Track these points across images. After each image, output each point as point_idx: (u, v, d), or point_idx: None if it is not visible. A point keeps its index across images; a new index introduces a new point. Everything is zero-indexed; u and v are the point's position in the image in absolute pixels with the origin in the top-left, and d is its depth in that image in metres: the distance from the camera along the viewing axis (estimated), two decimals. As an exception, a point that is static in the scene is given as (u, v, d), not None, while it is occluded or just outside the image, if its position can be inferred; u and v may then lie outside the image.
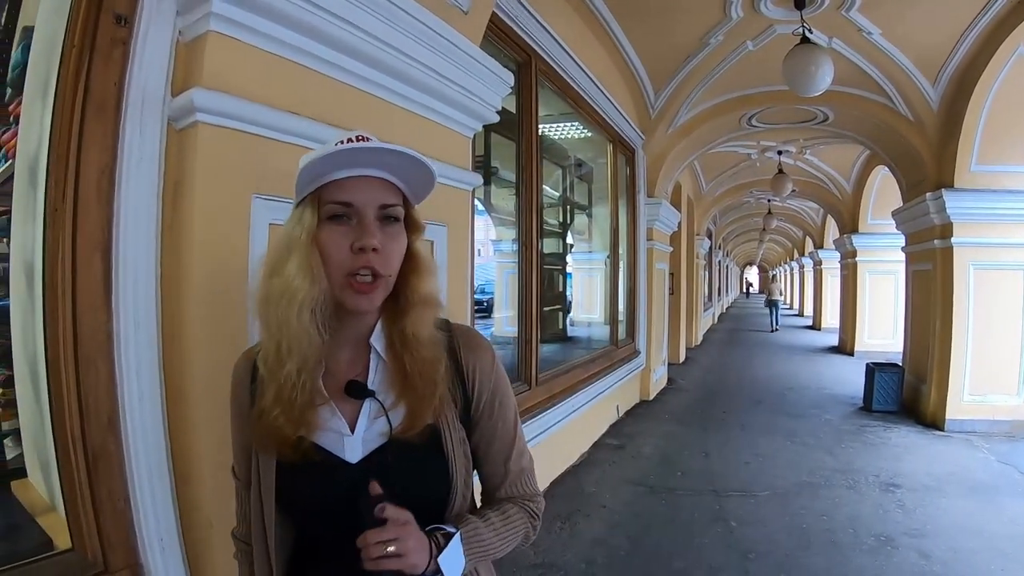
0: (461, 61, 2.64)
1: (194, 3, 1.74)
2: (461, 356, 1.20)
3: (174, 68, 1.81)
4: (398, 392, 1.11)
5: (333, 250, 1.05)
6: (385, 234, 1.06)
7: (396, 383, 1.12)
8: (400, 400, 1.11)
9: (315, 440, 1.10)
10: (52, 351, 1.69)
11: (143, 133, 1.75)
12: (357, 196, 1.05)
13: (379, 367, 1.15)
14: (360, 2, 2.07)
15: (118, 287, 1.73)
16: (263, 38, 1.87)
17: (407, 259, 1.13)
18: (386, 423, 1.10)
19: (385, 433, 1.10)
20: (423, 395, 1.10)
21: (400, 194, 1.11)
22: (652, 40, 6.31)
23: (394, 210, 1.08)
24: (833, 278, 17.62)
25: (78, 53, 1.68)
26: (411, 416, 1.10)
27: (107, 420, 1.73)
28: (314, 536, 1.17)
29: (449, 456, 1.13)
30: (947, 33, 5.85)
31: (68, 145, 1.66)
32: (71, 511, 1.73)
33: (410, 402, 1.10)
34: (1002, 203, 6.74)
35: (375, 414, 1.12)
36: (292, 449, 1.08)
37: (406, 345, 1.12)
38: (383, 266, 1.06)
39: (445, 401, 1.14)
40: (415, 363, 1.11)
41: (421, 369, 1.11)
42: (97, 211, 1.70)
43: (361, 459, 1.10)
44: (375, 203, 1.06)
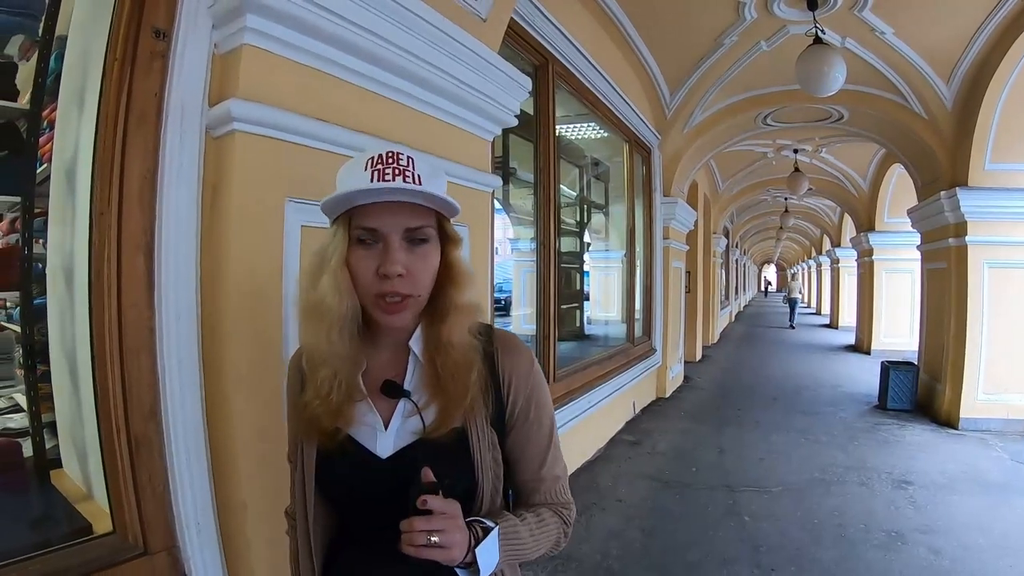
0: (480, 67, 2.73)
1: (229, 18, 1.85)
2: (498, 361, 1.21)
3: (210, 79, 1.91)
4: (431, 393, 1.15)
5: (361, 273, 1.10)
6: (413, 255, 1.10)
7: (430, 385, 1.15)
8: (432, 401, 1.14)
9: (351, 432, 1.15)
10: (98, 345, 1.79)
11: (182, 141, 1.85)
12: (382, 222, 1.08)
13: (416, 369, 1.19)
14: (385, 14, 2.16)
15: (160, 285, 1.83)
16: (294, 50, 1.97)
17: (443, 270, 1.16)
18: (419, 422, 1.13)
19: (417, 432, 1.13)
20: (454, 397, 1.12)
21: (429, 213, 1.12)
22: (667, 41, 6.36)
23: (421, 232, 1.10)
24: (850, 276, 17.46)
25: (120, 66, 1.79)
26: (441, 417, 1.13)
27: (149, 409, 1.83)
28: (347, 520, 1.23)
29: (475, 457, 1.15)
30: (960, 32, 5.86)
31: (112, 153, 1.77)
32: (113, 496, 1.83)
33: (441, 403, 1.13)
34: (1016, 201, 6.74)
35: (408, 413, 1.15)
36: (329, 439, 1.14)
37: (440, 350, 1.15)
38: (410, 288, 1.09)
39: (476, 404, 1.16)
40: (447, 367, 1.14)
41: (453, 372, 1.13)
42: (140, 214, 1.80)
43: (391, 455, 1.14)
44: (400, 228, 1.08)
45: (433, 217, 1.13)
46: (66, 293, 2.20)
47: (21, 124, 2.32)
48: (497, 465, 1.19)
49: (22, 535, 1.98)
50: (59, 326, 2.22)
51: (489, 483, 1.17)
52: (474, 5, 2.77)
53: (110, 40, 1.82)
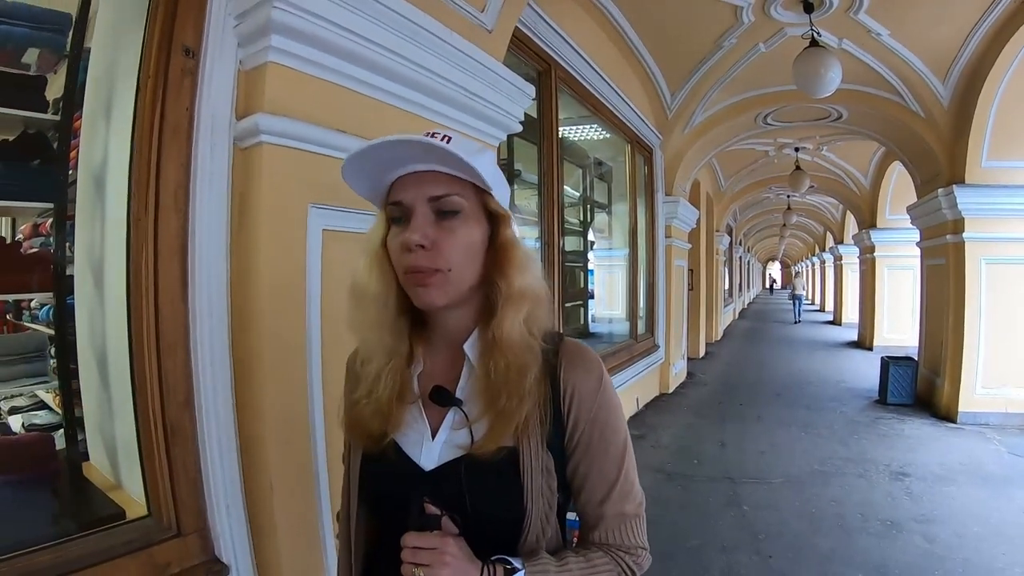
0: (487, 78, 2.85)
1: (254, 37, 1.98)
2: (561, 374, 1.08)
3: (236, 94, 2.04)
4: (484, 405, 1.03)
5: (393, 251, 1.04)
6: (441, 228, 1.01)
7: (484, 395, 1.04)
8: (484, 414, 1.03)
9: (396, 439, 1.09)
10: (136, 340, 1.92)
11: (212, 152, 1.98)
12: (405, 194, 1.02)
13: (471, 375, 1.08)
14: (398, 30, 2.29)
15: (194, 285, 1.95)
16: (315, 66, 2.09)
17: (491, 252, 1.06)
18: (467, 435, 1.03)
19: (464, 446, 1.04)
20: (505, 411, 1.01)
21: (464, 184, 1.03)
22: (667, 44, 6.45)
23: (447, 201, 1.01)
24: (853, 273, 17.42)
25: (153, 83, 1.91)
26: (491, 433, 1.02)
27: (183, 399, 1.96)
28: (387, 530, 1.11)
29: (525, 483, 1.02)
30: (954, 32, 5.94)
31: (148, 163, 1.89)
32: (149, 480, 1.95)
33: (492, 418, 1.02)
34: (1013, 198, 6.82)
35: (458, 424, 1.06)
36: (375, 443, 1.08)
37: (492, 350, 1.04)
38: (432, 260, 1.00)
39: (531, 422, 1.03)
40: (499, 371, 1.02)
41: (506, 378, 1.02)
42: (175, 220, 1.93)
43: (435, 468, 1.06)
44: (423, 197, 1.01)
45: (467, 188, 1.03)
46: (95, 293, 2.32)
47: (51, 134, 2.43)
48: (552, 493, 1.05)
49: (61, 520, 2.13)
50: (88, 325, 2.33)
51: (540, 512, 1.03)
52: (480, 18, 2.89)
53: (143, 58, 1.94)
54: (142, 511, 1.98)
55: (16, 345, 2.62)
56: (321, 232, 2.12)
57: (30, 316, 3.11)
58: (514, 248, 1.06)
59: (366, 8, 2.15)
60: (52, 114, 2.46)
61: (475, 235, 1.04)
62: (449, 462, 1.04)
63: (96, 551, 1.76)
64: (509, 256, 1.05)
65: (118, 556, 1.78)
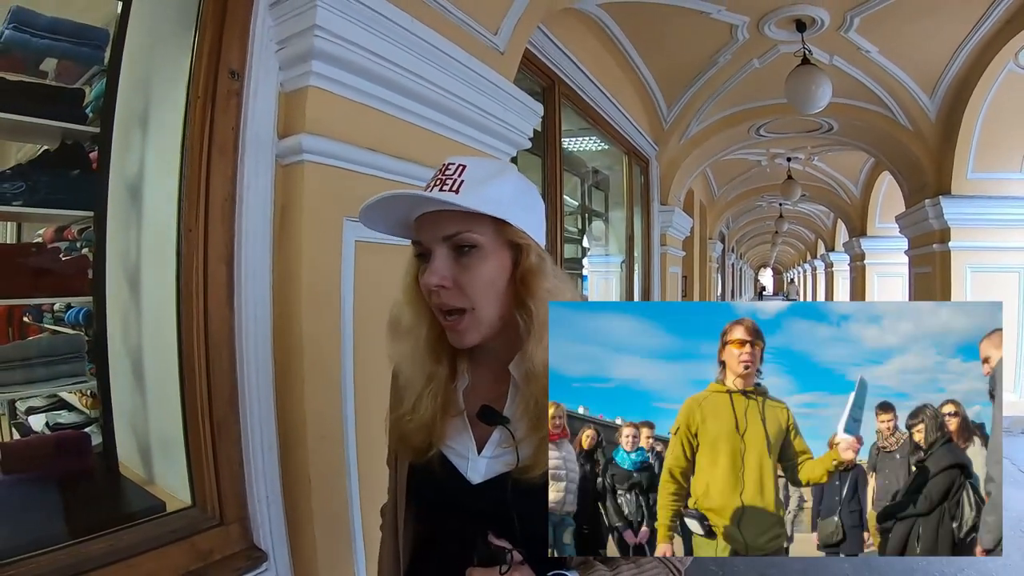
0: (499, 97, 3.01)
1: (295, 62, 2.14)
2: None
3: (278, 114, 2.19)
4: (528, 426, 1.05)
5: (423, 289, 1.06)
6: (460, 266, 1.03)
7: (528, 416, 1.06)
8: (530, 435, 1.04)
9: (443, 451, 1.11)
10: (186, 342, 2.05)
11: (257, 169, 2.12)
12: (423, 234, 1.05)
13: (517, 395, 1.09)
14: (424, 56, 2.46)
15: (239, 291, 2.09)
16: (349, 89, 2.26)
17: (515, 282, 1.07)
18: (513, 455, 1.03)
19: (511, 463, 1.03)
20: (547, 435, 0.99)
21: (478, 218, 1.02)
22: (664, 60, 6.55)
23: (463, 238, 1.02)
24: (844, 280, 17.61)
25: (202, 103, 2.05)
26: (536, 454, 1.02)
27: (229, 397, 2.08)
28: (433, 536, 1.16)
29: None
30: (941, 50, 6.11)
31: (198, 178, 2.03)
32: (196, 472, 2.07)
33: (537, 440, 1.02)
34: (997, 209, 7.03)
35: (504, 442, 1.07)
36: (420, 454, 1.10)
37: (526, 377, 1.05)
38: (455, 300, 1.03)
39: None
40: (536, 399, 1.03)
41: (543, 405, 1.00)
42: (222, 231, 2.07)
43: (482, 482, 1.07)
44: (438, 237, 1.03)
45: (484, 222, 1.03)
46: (130, 298, 2.43)
47: (88, 145, 2.49)
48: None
49: (109, 511, 2.19)
50: (121, 328, 2.42)
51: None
52: (494, 40, 3.07)
53: (192, 79, 2.09)
54: (179, 503, 2.10)
55: (57, 346, 2.69)
56: (354, 243, 2.27)
57: (52, 318, 3.10)
58: (537, 278, 1.06)
59: (396, 36, 2.31)
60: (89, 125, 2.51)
61: (494, 269, 1.05)
62: (495, 478, 1.06)
63: (145, 539, 1.86)
64: (531, 287, 1.05)
65: (165, 544, 1.90)
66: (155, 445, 2.42)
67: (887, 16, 5.37)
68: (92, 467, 2.49)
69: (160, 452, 2.39)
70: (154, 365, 2.37)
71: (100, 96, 2.43)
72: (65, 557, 1.69)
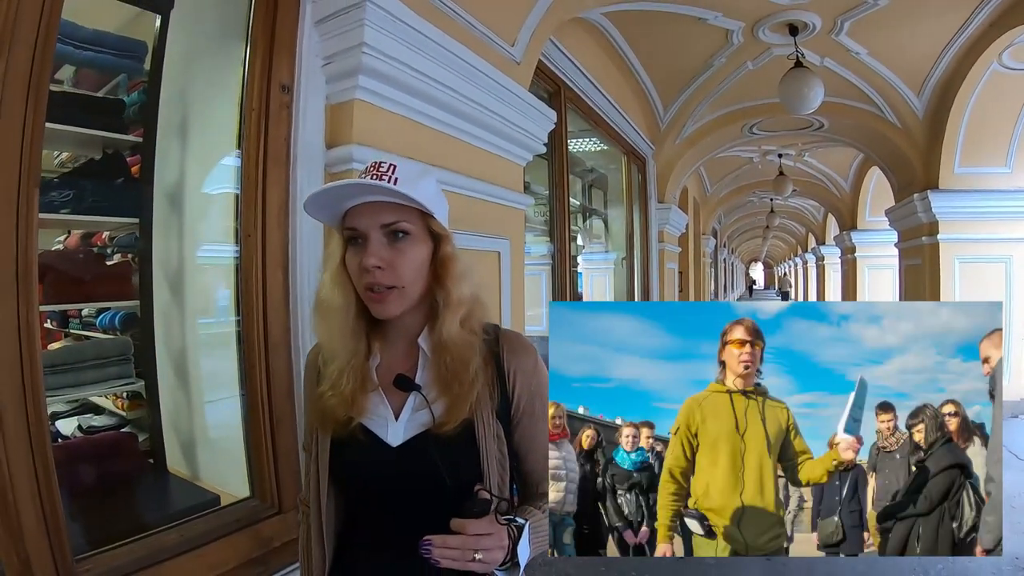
0: (518, 106, 3.21)
1: (342, 76, 2.32)
2: (503, 358, 1.26)
3: (325, 125, 2.35)
4: (440, 389, 1.19)
5: (351, 270, 1.19)
6: (393, 250, 1.16)
7: (438, 381, 1.20)
8: (441, 396, 1.19)
9: (363, 422, 1.21)
10: (247, 341, 2.21)
11: (308, 177, 2.28)
12: (360, 221, 1.17)
13: (426, 364, 1.24)
14: (454, 69, 2.66)
15: (294, 293, 2.26)
16: (390, 102, 2.44)
17: (435, 266, 1.22)
18: (428, 415, 1.17)
19: (426, 423, 1.17)
20: (459, 395, 1.17)
21: (408, 211, 1.18)
22: (662, 63, 6.70)
23: (398, 226, 1.16)
24: (835, 273, 17.50)
25: (256, 116, 2.22)
26: (449, 411, 1.16)
27: (286, 391, 2.24)
28: (356, 509, 1.28)
29: (480, 447, 1.18)
30: (928, 51, 6.26)
31: (255, 187, 2.20)
32: (256, 463, 2.22)
33: (448, 400, 1.17)
34: (983, 202, 7.18)
35: (418, 406, 1.20)
36: (343, 427, 1.20)
37: (440, 347, 1.21)
38: (388, 279, 1.15)
39: (482, 399, 1.20)
40: (446, 365, 1.20)
41: (454, 370, 1.19)
42: (278, 236, 2.24)
43: (401, 443, 1.19)
44: (376, 224, 1.16)
45: (413, 214, 1.18)
46: (172, 301, 2.58)
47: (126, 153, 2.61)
48: (503, 456, 1.22)
49: (166, 507, 2.35)
50: (165, 331, 2.58)
51: (495, 473, 1.19)
52: (511, 51, 3.26)
53: (245, 94, 2.24)
54: (230, 497, 2.25)
55: (106, 349, 2.68)
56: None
57: (81, 323, 3.14)
58: (453, 262, 1.23)
59: (431, 51, 2.51)
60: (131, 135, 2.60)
61: (422, 253, 1.20)
62: (413, 437, 1.19)
63: (212, 529, 2.02)
64: (448, 270, 1.22)
65: (230, 532, 2.04)
66: (200, 443, 2.57)
67: (876, 20, 5.52)
68: (143, 466, 2.60)
69: (204, 449, 2.56)
70: (205, 365, 2.56)
71: (135, 105, 2.57)
72: (140, 549, 1.82)
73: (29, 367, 1.55)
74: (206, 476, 2.52)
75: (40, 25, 1.57)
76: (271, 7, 2.25)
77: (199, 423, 2.66)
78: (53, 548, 1.59)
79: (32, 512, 1.55)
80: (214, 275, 2.63)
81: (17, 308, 1.54)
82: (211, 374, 2.79)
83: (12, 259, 1.53)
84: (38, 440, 1.57)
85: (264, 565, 2.08)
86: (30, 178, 1.56)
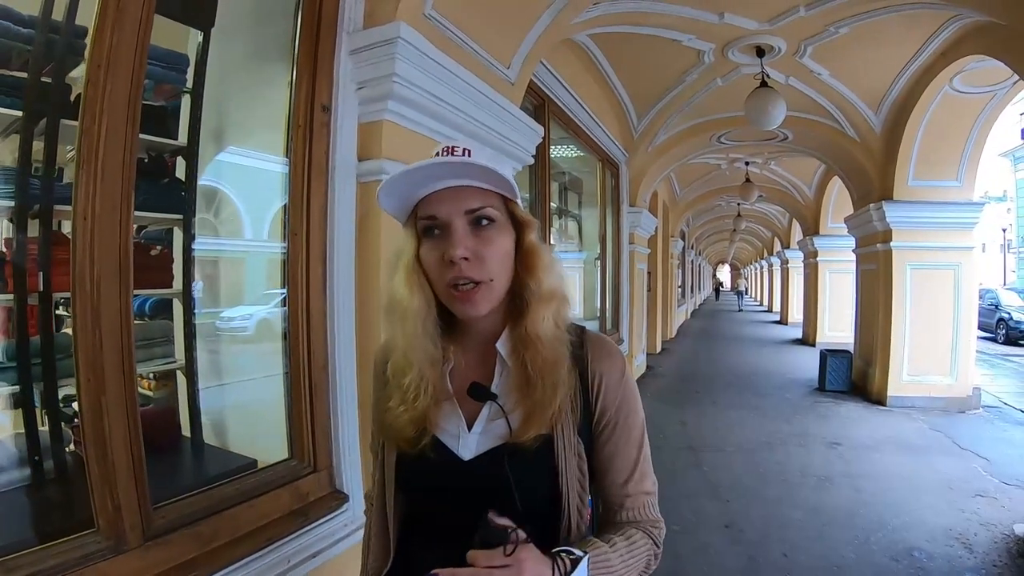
0: (511, 122, 3.53)
1: (374, 100, 2.63)
2: (589, 364, 1.13)
3: (357, 142, 2.66)
4: (518, 397, 1.07)
5: (431, 264, 1.06)
6: (479, 239, 1.04)
7: (518, 387, 1.08)
8: (519, 405, 1.06)
9: (435, 433, 1.10)
10: (292, 324, 2.49)
11: (344, 186, 2.58)
12: (441, 208, 1.03)
13: (504, 371, 1.12)
14: (462, 93, 2.99)
15: (332, 283, 2.54)
16: (412, 123, 2.78)
17: (520, 256, 1.10)
18: (504, 426, 1.05)
19: (502, 436, 1.06)
20: (541, 401, 1.04)
21: (493, 196, 1.06)
22: (639, 78, 7.08)
23: (484, 212, 1.04)
24: (799, 276, 18.06)
25: (302, 132, 2.50)
26: (527, 422, 1.04)
27: (323, 364, 2.53)
28: (424, 515, 1.16)
29: (560, 466, 1.06)
30: (885, 74, 6.70)
31: (301, 193, 2.49)
32: (295, 427, 2.48)
33: (528, 408, 1.05)
34: (934, 213, 7.69)
35: (494, 416, 1.08)
36: (411, 444, 1.08)
37: (527, 345, 1.08)
38: (477, 272, 1.03)
39: (564, 410, 1.07)
40: (535, 363, 1.06)
41: (542, 370, 1.05)
42: (320, 235, 2.53)
43: (474, 457, 1.08)
44: (460, 211, 1.03)
45: (497, 199, 1.07)
46: (207, 289, 2.89)
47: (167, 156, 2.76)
48: (583, 476, 1.09)
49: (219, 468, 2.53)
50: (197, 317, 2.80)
51: (574, 493, 1.07)
52: (507, 73, 3.61)
53: (292, 111, 2.51)
54: (265, 462, 2.47)
55: (153, 331, 2.93)
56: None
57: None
58: (540, 251, 1.11)
59: (446, 78, 2.84)
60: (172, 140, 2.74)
61: (507, 243, 1.07)
62: (487, 452, 1.07)
63: (261, 483, 2.27)
64: (537, 259, 1.09)
65: (276, 487, 2.29)
66: (230, 416, 2.85)
67: (837, 46, 5.90)
68: (180, 437, 2.80)
69: (235, 422, 2.85)
70: (227, 349, 2.84)
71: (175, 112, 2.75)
72: (206, 499, 2.07)
73: (127, 342, 1.82)
74: (235, 446, 2.78)
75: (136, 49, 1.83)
76: (313, 37, 2.54)
77: (230, 399, 2.94)
78: (139, 496, 1.82)
79: (125, 464, 1.80)
80: (254, 268, 2.92)
81: (120, 292, 1.80)
82: (238, 359, 3.07)
83: (117, 249, 1.79)
84: (131, 405, 1.83)
85: (304, 516, 2.33)
86: (130, 182, 1.82)
